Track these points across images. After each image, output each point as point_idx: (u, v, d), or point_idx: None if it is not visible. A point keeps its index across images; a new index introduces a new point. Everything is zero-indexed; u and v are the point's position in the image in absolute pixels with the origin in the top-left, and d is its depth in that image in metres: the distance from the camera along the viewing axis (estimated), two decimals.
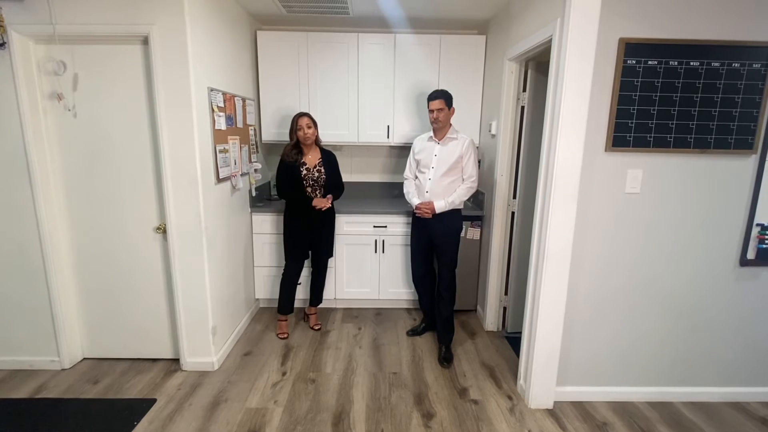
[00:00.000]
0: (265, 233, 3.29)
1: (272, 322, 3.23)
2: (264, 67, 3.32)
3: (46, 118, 2.35)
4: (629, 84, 2.02)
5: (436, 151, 2.69)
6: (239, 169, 2.93)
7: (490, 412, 2.26)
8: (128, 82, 2.32)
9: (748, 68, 2.01)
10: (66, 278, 2.52)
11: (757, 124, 2.07)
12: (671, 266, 2.23)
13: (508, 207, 3.00)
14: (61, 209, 2.45)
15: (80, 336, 2.63)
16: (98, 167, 2.41)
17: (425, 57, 3.33)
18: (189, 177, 2.35)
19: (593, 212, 2.16)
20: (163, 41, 2.20)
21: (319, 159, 2.91)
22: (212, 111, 2.49)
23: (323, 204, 2.85)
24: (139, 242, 2.50)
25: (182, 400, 2.31)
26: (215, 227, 2.60)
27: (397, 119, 3.44)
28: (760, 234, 2.18)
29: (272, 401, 2.31)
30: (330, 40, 3.29)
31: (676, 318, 2.29)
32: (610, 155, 2.10)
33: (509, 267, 3.05)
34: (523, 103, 2.79)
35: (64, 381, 2.46)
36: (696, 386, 2.37)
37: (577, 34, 1.91)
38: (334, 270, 3.38)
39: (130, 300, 2.58)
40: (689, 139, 2.08)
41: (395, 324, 3.27)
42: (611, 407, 2.32)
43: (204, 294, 2.51)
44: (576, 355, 2.32)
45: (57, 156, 2.40)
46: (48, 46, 2.26)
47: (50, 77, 2.30)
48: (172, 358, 2.67)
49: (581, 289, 2.24)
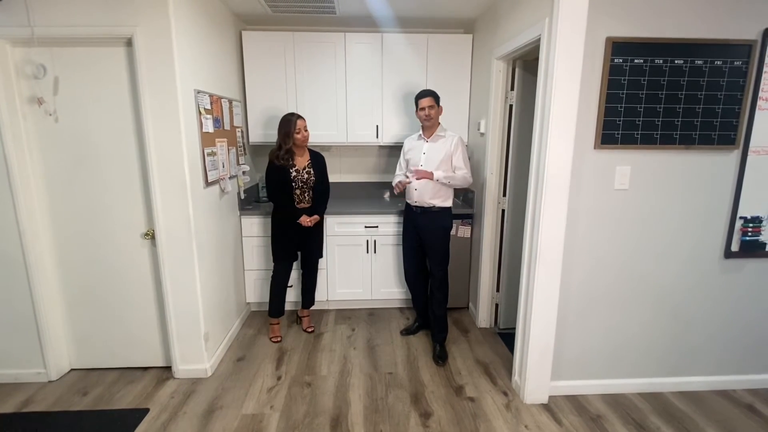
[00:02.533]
0: (254, 236, 3.25)
1: (264, 325, 3.20)
2: (250, 67, 3.27)
3: (26, 123, 2.27)
4: (616, 82, 2.05)
5: (425, 149, 2.70)
6: (227, 172, 2.89)
7: (486, 409, 2.28)
8: (112, 85, 2.26)
9: (730, 66, 2.07)
10: (51, 288, 2.45)
11: (738, 120, 2.13)
12: (659, 260, 2.28)
13: (498, 205, 3.03)
14: (43, 217, 2.38)
15: (67, 346, 2.56)
16: (82, 173, 2.34)
17: (413, 56, 3.33)
18: (177, 181, 2.31)
19: (583, 209, 2.19)
20: (148, 43, 2.15)
21: (308, 161, 2.89)
22: (199, 113, 2.44)
23: (308, 222, 2.85)
24: (127, 249, 2.44)
25: (176, 408, 2.27)
26: (205, 231, 2.56)
27: (386, 119, 3.43)
28: (743, 226, 2.25)
29: (268, 406, 2.29)
30: (316, 39, 3.26)
31: (665, 310, 2.35)
32: (599, 152, 2.13)
33: (500, 264, 3.08)
34: (511, 102, 2.82)
35: (52, 393, 2.39)
36: (685, 376, 2.43)
37: (566, 34, 1.93)
38: (326, 271, 3.36)
39: (119, 308, 2.52)
40: (675, 135, 2.13)
41: (389, 324, 3.27)
42: (604, 400, 2.36)
43: (195, 299, 2.47)
44: (569, 350, 2.36)
45: (38, 162, 2.33)
46: (27, 49, 2.19)
47: (29, 81, 2.22)
48: (163, 366, 2.62)
49: (573, 284, 2.28)
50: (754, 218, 2.24)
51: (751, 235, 2.25)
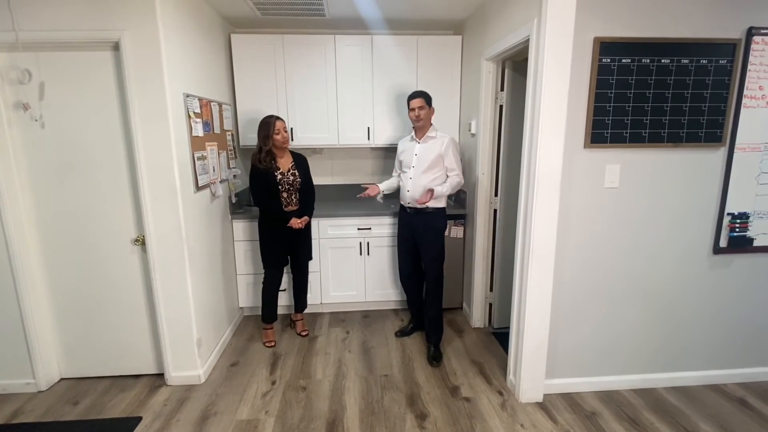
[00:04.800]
0: (246, 240, 3.23)
1: (258, 330, 3.17)
2: (239, 71, 3.25)
3: (11, 129, 2.23)
4: (605, 82, 2.07)
5: (417, 150, 2.70)
6: (218, 176, 2.86)
7: (482, 409, 2.28)
8: (99, 89, 2.23)
9: (716, 64, 2.10)
10: (39, 296, 2.41)
11: (725, 118, 2.16)
12: (649, 257, 2.31)
13: (490, 205, 3.04)
14: (31, 224, 2.34)
15: (57, 356, 2.52)
16: (70, 179, 2.31)
17: (403, 58, 3.34)
18: (167, 186, 2.28)
19: (575, 208, 2.21)
20: (135, 47, 2.13)
21: (292, 162, 2.87)
22: (189, 117, 2.42)
23: (298, 225, 2.83)
24: (117, 255, 2.41)
25: (169, 416, 2.24)
26: (196, 236, 2.54)
27: (377, 121, 3.43)
28: (731, 223, 2.28)
29: (263, 412, 2.27)
30: (306, 42, 3.26)
31: (656, 307, 2.37)
32: (589, 152, 2.15)
33: (493, 264, 3.09)
34: (501, 102, 2.83)
35: (42, 404, 2.35)
36: (677, 371, 2.46)
37: (554, 34, 1.95)
38: (320, 274, 3.35)
39: (109, 315, 2.48)
40: (663, 133, 2.15)
41: (383, 326, 3.26)
42: (598, 396, 2.38)
43: (187, 305, 2.44)
44: (562, 348, 2.37)
45: (24, 168, 2.29)
46: (11, 54, 2.15)
47: (15, 86, 2.19)
48: (155, 374, 2.59)
49: (565, 282, 2.29)
50: (741, 214, 2.28)
51: (738, 231, 2.29)
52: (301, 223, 2.85)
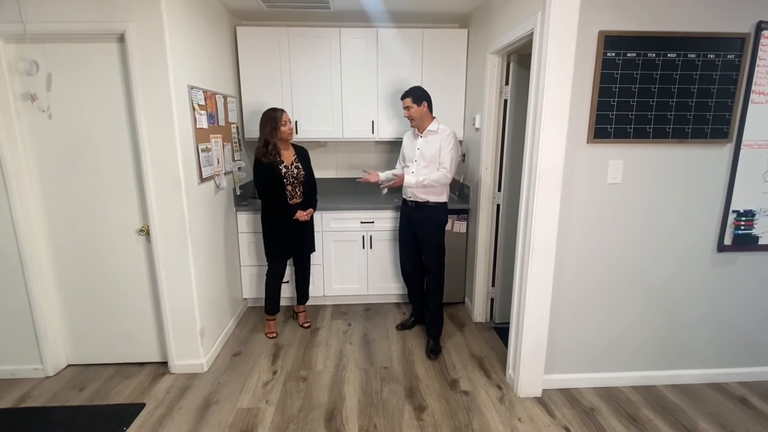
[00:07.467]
0: (250, 232, 3.26)
1: (261, 321, 3.21)
2: (244, 63, 3.27)
3: (20, 120, 2.27)
4: (609, 76, 2.05)
5: (418, 145, 2.70)
6: (222, 168, 2.89)
7: (480, 403, 2.29)
8: (105, 81, 2.25)
9: (723, 59, 2.06)
10: (47, 284, 2.46)
11: (731, 114, 2.13)
12: (652, 254, 2.29)
13: (493, 200, 3.03)
14: (38, 213, 2.39)
15: (63, 342, 2.58)
16: (77, 169, 2.35)
17: (408, 51, 3.32)
18: (171, 177, 2.31)
19: (577, 203, 2.19)
20: (140, 39, 2.15)
21: (294, 155, 2.88)
22: (193, 109, 2.45)
23: (304, 217, 2.86)
24: (122, 245, 2.45)
25: (172, 403, 2.28)
26: (200, 227, 2.57)
27: (381, 114, 3.43)
28: (736, 220, 2.25)
29: (264, 401, 2.30)
30: (311, 35, 3.25)
31: (658, 304, 2.36)
32: (592, 147, 2.13)
33: (496, 259, 3.09)
34: (506, 97, 2.81)
35: (49, 389, 2.40)
36: (678, 369, 2.45)
37: (558, 28, 1.93)
38: (322, 267, 3.37)
39: (115, 304, 2.53)
40: (668, 129, 2.13)
41: (384, 319, 3.28)
42: (597, 393, 2.38)
43: (191, 295, 2.48)
44: (562, 343, 2.37)
45: (33, 159, 2.33)
46: (19, 46, 2.18)
47: (22, 78, 2.22)
48: (159, 362, 2.64)
49: (566, 278, 2.28)
50: (747, 212, 2.25)
51: (743, 229, 2.26)
52: (306, 215, 2.87)
